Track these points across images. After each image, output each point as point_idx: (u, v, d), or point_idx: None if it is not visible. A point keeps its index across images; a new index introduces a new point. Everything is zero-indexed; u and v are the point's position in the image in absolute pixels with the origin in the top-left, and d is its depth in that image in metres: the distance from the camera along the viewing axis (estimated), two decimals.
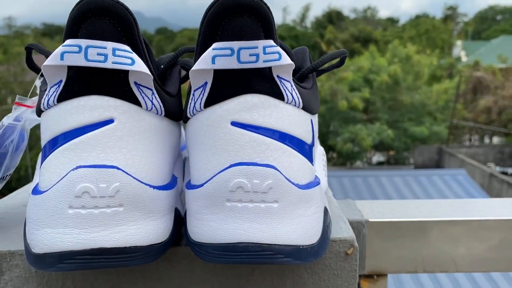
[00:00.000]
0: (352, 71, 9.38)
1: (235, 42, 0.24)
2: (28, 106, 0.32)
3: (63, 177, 0.25)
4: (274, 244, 0.25)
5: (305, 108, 0.28)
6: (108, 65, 0.24)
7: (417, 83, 10.25)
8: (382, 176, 5.64)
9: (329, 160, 10.43)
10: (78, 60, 0.24)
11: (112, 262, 0.25)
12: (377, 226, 0.42)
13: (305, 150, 0.28)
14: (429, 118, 10.39)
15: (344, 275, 0.32)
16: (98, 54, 0.24)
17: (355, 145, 8.81)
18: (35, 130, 0.37)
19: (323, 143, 9.15)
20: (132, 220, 0.25)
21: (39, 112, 0.28)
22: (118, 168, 0.25)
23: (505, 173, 10.09)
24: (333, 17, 25.26)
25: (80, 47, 0.24)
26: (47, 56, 0.30)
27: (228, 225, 0.25)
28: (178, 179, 0.31)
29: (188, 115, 0.27)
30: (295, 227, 0.25)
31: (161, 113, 0.27)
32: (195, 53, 0.26)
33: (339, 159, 9.89)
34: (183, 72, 0.34)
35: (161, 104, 0.27)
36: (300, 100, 0.27)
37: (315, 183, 0.28)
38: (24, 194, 0.42)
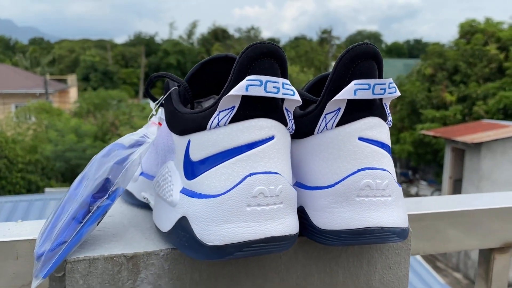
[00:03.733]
0: None
1: (371, 80, 0.33)
2: (160, 125, 0.37)
3: (240, 182, 0.31)
4: (391, 227, 0.34)
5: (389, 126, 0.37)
6: (280, 95, 0.31)
7: None
8: None
9: None
10: (260, 92, 0.31)
11: (275, 248, 0.32)
12: None
13: (391, 157, 0.37)
14: None
15: (402, 253, 0.42)
16: (274, 87, 0.31)
17: None
18: None
19: None
20: (287, 214, 0.32)
21: (190, 131, 0.34)
22: (279, 174, 0.32)
23: None
24: (218, 35, 25.84)
25: (261, 81, 0.31)
26: (176, 81, 0.36)
27: (358, 215, 0.34)
28: None
29: (316, 132, 0.35)
30: (401, 214, 0.35)
31: (293, 130, 0.35)
32: (328, 86, 0.34)
33: None
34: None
35: (294, 124, 0.35)
36: (391, 120, 0.37)
37: (399, 183, 0.38)
38: None
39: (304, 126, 0.36)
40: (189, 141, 0.34)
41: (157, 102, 0.38)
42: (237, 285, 0.38)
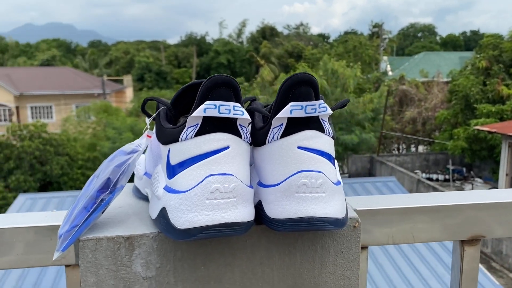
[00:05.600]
0: None
1: (304, 102, 0.42)
2: (150, 137, 0.48)
3: (201, 181, 0.41)
4: (325, 217, 0.43)
5: (332, 136, 0.46)
6: (231, 115, 0.41)
7: (344, 95, 10.79)
8: None
9: None
10: (214, 113, 0.41)
11: (230, 232, 0.42)
12: (361, 213, 0.60)
13: (332, 161, 0.46)
14: (358, 127, 10.96)
15: (352, 240, 0.50)
16: (226, 109, 0.41)
17: None
18: None
19: None
20: (240, 206, 0.42)
21: (169, 142, 0.44)
22: (233, 175, 0.42)
23: (430, 179, 10.91)
24: (266, 33, 26.00)
25: (215, 105, 0.41)
26: (162, 103, 0.47)
27: (297, 207, 0.43)
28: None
29: (266, 142, 0.45)
30: (334, 207, 0.44)
31: (249, 141, 0.45)
32: (273, 107, 0.44)
33: None
34: None
35: (249, 136, 0.44)
36: (332, 132, 0.45)
37: (339, 182, 0.46)
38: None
39: (260, 137, 0.46)
40: (169, 150, 0.45)
41: (150, 119, 0.49)
42: (211, 261, 0.48)
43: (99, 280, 0.46)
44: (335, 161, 0.49)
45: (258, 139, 0.46)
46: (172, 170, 0.44)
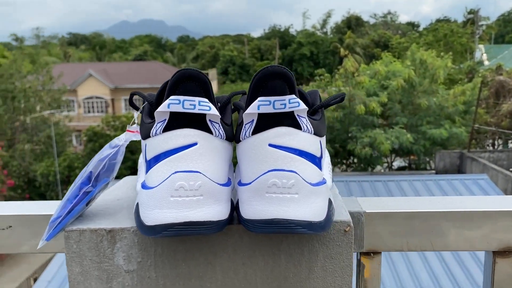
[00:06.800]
0: (368, 75, 9.35)
1: (272, 97, 0.39)
2: (133, 132, 0.48)
3: (167, 178, 0.40)
4: (296, 220, 0.40)
5: (315, 133, 0.43)
6: (196, 111, 0.40)
7: (433, 86, 10.16)
8: (403, 181, 5.73)
9: (349, 165, 10.46)
10: (178, 108, 0.40)
11: (195, 231, 0.41)
12: (373, 216, 0.56)
13: (315, 161, 0.43)
14: (448, 121, 10.29)
15: (343, 245, 0.47)
16: (190, 104, 0.40)
17: (373, 149, 8.84)
18: None
19: (342, 147, 9.18)
20: (208, 204, 0.41)
21: (145, 137, 0.44)
22: (200, 172, 0.40)
23: None
24: (352, 23, 25.30)
25: (179, 100, 0.40)
26: (144, 98, 0.47)
27: (267, 208, 0.40)
28: (230, 180, 0.46)
29: (241, 138, 0.43)
30: (308, 210, 0.41)
31: (224, 137, 0.43)
32: (246, 102, 0.41)
33: (360, 164, 9.89)
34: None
35: (223, 132, 0.43)
36: (312, 129, 0.42)
37: (322, 182, 0.43)
38: (116, 192, 0.59)
39: (237, 133, 0.44)
40: (145, 145, 0.44)
41: (137, 113, 0.49)
42: (192, 259, 0.47)
43: (83, 271, 0.47)
44: (323, 159, 0.46)
45: (236, 135, 0.44)
46: (148, 165, 0.44)
